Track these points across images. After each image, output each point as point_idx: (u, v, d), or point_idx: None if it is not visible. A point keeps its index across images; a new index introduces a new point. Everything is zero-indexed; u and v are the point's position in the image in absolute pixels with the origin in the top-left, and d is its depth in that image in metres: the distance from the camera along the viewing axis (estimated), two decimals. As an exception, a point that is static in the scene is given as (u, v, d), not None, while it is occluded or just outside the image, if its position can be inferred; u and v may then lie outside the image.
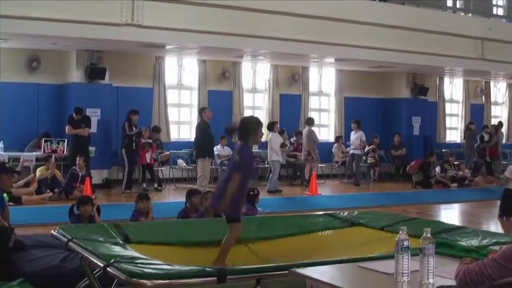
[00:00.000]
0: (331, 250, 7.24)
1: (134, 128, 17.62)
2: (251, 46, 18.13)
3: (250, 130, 7.35)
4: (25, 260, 7.85)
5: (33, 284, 7.14)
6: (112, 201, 15.90)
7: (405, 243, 4.35)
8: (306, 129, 20.24)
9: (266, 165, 20.12)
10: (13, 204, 13.53)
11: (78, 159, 16.16)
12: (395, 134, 22.91)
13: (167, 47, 18.28)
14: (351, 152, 20.91)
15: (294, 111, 22.39)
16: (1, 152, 17.01)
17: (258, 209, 10.93)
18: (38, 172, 16.25)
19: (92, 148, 17.55)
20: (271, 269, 5.67)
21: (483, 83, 27.35)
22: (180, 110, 21.05)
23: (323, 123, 23.61)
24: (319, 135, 22.69)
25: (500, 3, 25.52)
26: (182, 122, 21.08)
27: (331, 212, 9.61)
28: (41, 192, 15.73)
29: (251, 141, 7.39)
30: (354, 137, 20.80)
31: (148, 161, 18.14)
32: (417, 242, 4.47)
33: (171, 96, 20.70)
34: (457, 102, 26.80)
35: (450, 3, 23.59)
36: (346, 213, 9.36)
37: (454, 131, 26.64)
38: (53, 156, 16.75)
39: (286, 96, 22.14)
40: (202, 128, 16.27)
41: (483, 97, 27.51)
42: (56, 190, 15.87)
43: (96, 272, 6.28)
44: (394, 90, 24.16)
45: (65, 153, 17.42)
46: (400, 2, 20.79)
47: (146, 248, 6.99)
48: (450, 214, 16.34)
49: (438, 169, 21.31)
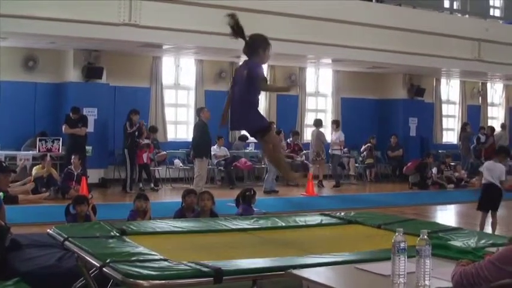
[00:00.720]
0: (327, 244, 7.23)
1: (135, 128, 17.61)
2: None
3: (260, 47, 7.43)
4: (21, 260, 7.84)
5: (29, 284, 7.15)
6: (108, 200, 15.89)
7: (402, 244, 4.35)
8: (315, 130, 20.50)
9: (263, 165, 20.12)
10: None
11: (73, 158, 16.16)
12: (392, 135, 22.93)
13: (164, 47, 18.28)
14: (332, 153, 20.61)
15: (291, 111, 22.39)
16: (-2, 151, 17.05)
17: (255, 209, 10.92)
18: (34, 171, 16.28)
19: (89, 147, 17.55)
20: (267, 270, 5.66)
21: (480, 84, 27.40)
22: (177, 110, 21.05)
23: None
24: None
25: (497, 4, 25.56)
26: (179, 122, 21.08)
27: (327, 212, 9.59)
28: (37, 190, 15.73)
29: (259, 59, 7.44)
30: (334, 137, 20.57)
31: (145, 161, 18.16)
32: (413, 240, 4.48)
33: (168, 96, 20.71)
34: (454, 103, 26.82)
35: (447, 4, 23.62)
36: (343, 213, 9.36)
37: (451, 132, 26.66)
38: (48, 154, 16.75)
39: (282, 96, 22.13)
40: (200, 128, 16.25)
41: (480, 98, 27.56)
42: (52, 188, 15.88)
43: (92, 272, 6.27)
44: (391, 91, 24.18)
45: (60, 152, 17.41)
46: (397, 3, 20.81)
47: (143, 238, 7.01)
48: (446, 215, 16.36)
49: (435, 170, 21.32)
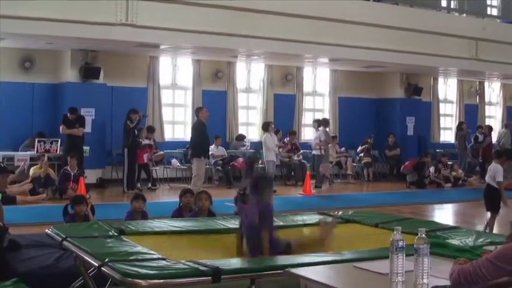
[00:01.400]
0: (326, 243, 7.24)
1: (136, 122, 17.60)
2: (245, 46, 18.13)
3: (265, 187, 7.05)
4: (19, 260, 7.84)
5: (27, 284, 7.13)
6: (106, 200, 15.89)
7: (400, 243, 4.36)
8: (320, 129, 20.48)
9: (261, 165, 20.11)
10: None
11: (69, 159, 16.14)
12: (389, 134, 22.94)
13: (161, 47, 18.28)
14: (312, 153, 20.38)
15: (288, 111, 22.40)
16: (-5, 152, 17.05)
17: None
18: (32, 171, 16.27)
19: (86, 148, 17.53)
20: (265, 269, 5.67)
21: (477, 83, 27.41)
22: (175, 110, 21.05)
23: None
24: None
25: (494, 3, 25.55)
26: (176, 122, 21.09)
27: (325, 212, 9.61)
28: (35, 190, 15.72)
29: (266, 198, 7.05)
30: (313, 137, 20.40)
31: (145, 161, 18.19)
32: (411, 239, 4.48)
33: (166, 96, 20.71)
34: (451, 102, 26.85)
35: (444, 3, 23.61)
36: (340, 212, 9.37)
37: (448, 131, 26.66)
38: (46, 155, 16.74)
39: (280, 96, 22.15)
40: (198, 128, 16.24)
41: (477, 97, 27.57)
42: (50, 188, 15.88)
43: (90, 272, 6.28)
44: (388, 90, 24.19)
45: (58, 152, 17.39)
46: (394, 2, 20.81)
47: (141, 238, 7.01)
48: (444, 214, 16.38)
49: (432, 169, 21.33)
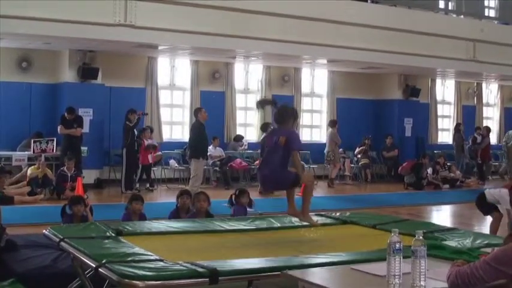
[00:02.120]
0: (323, 245, 7.24)
1: (135, 120, 17.60)
2: (244, 47, 18.15)
3: (290, 117, 7.82)
4: (16, 260, 7.84)
5: (24, 284, 7.15)
6: (104, 201, 15.88)
7: (397, 245, 4.36)
8: (329, 130, 20.86)
9: (258, 166, 20.09)
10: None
11: (66, 161, 16.12)
12: (387, 136, 22.94)
13: (160, 48, 18.28)
14: None
15: (286, 112, 22.35)
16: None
17: (250, 210, 10.90)
18: (29, 171, 16.24)
19: (84, 148, 17.53)
20: (263, 270, 5.67)
21: (475, 85, 27.44)
22: (173, 111, 21.05)
23: (315, 124, 23.65)
24: (310, 136, 22.85)
25: (492, 5, 25.56)
26: (174, 123, 21.08)
27: (322, 213, 9.61)
28: (33, 190, 15.70)
29: (290, 127, 7.88)
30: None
31: (150, 162, 18.23)
32: (409, 241, 4.48)
33: (164, 96, 20.70)
34: (449, 103, 26.86)
35: (442, 4, 23.61)
36: (338, 213, 9.38)
37: (446, 133, 26.67)
38: (43, 155, 16.72)
39: (278, 97, 22.10)
40: (197, 129, 16.23)
41: (475, 98, 27.59)
42: (47, 189, 15.87)
43: (87, 273, 6.28)
44: (386, 91, 24.20)
45: (55, 152, 17.34)
46: (392, 4, 20.81)
47: (139, 239, 7.01)
48: (442, 215, 16.38)
49: (430, 170, 21.33)
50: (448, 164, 22.22)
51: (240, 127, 21.86)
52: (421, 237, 4.36)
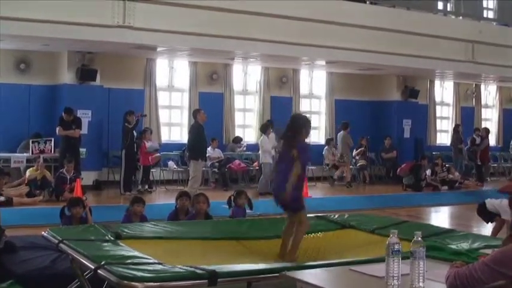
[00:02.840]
0: (322, 252, 7.24)
1: (134, 121, 17.60)
2: (242, 48, 18.15)
3: (303, 126, 7.63)
4: (15, 262, 7.84)
5: (23, 286, 7.16)
6: (103, 203, 15.86)
7: (396, 246, 4.35)
8: (341, 133, 21.12)
9: (256, 167, 20.11)
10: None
11: (66, 163, 16.11)
12: (385, 137, 22.95)
13: (158, 49, 18.29)
14: (261, 161, 19.49)
15: (285, 113, 22.34)
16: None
17: (247, 211, 10.87)
18: (28, 173, 16.23)
19: (83, 149, 17.52)
20: (262, 272, 5.68)
21: (473, 86, 27.44)
22: (171, 112, 21.05)
23: (313, 125, 23.58)
24: (309, 137, 22.77)
25: (490, 6, 25.59)
26: (173, 124, 21.08)
27: (321, 215, 9.61)
28: (31, 192, 15.68)
29: (303, 138, 7.66)
30: (265, 143, 19.46)
31: (151, 163, 18.25)
32: (408, 246, 4.48)
33: (162, 98, 20.70)
34: (448, 105, 26.86)
35: (441, 6, 23.63)
36: (337, 215, 9.37)
37: (445, 134, 26.67)
38: (41, 156, 16.70)
39: (276, 98, 22.14)
40: (195, 130, 16.24)
41: (473, 100, 27.59)
42: (46, 190, 15.86)
43: (86, 274, 6.27)
44: (385, 92, 24.21)
45: (53, 152, 17.31)
46: (391, 5, 20.81)
47: (137, 243, 7.01)
48: (441, 217, 16.37)
49: (429, 172, 21.32)
50: (447, 166, 22.21)
51: (239, 128, 21.86)
52: (420, 238, 4.36)
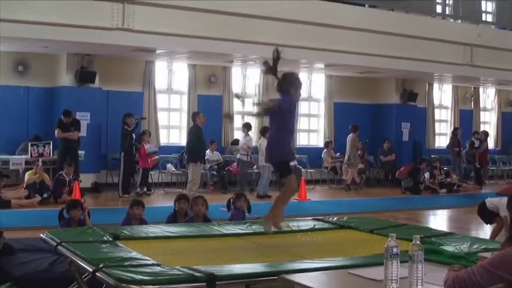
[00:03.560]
0: (320, 249, 7.24)
1: (133, 124, 17.61)
2: (241, 51, 18.15)
3: (291, 85, 7.70)
4: (14, 264, 7.83)
5: (21, 288, 7.15)
6: (101, 205, 15.86)
7: (394, 250, 4.35)
8: (350, 135, 21.21)
9: (255, 170, 20.11)
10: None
11: (66, 166, 16.10)
12: (384, 140, 22.96)
13: (157, 52, 18.30)
14: (238, 157, 19.89)
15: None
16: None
17: (247, 215, 10.86)
18: (27, 176, 16.20)
19: (81, 152, 17.52)
20: (260, 275, 5.67)
21: (472, 89, 27.46)
22: (170, 115, 21.05)
23: (312, 128, 23.65)
24: (308, 140, 22.86)
25: (489, 9, 25.61)
26: (172, 127, 21.09)
27: (320, 217, 9.61)
28: (30, 196, 15.67)
29: (290, 97, 7.70)
30: (242, 142, 19.90)
31: (150, 165, 18.26)
32: (406, 245, 4.48)
33: (161, 100, 20.71)
34: (446, 108, 26.89)
35: (439, 9, 23.64)
36: (335, 218, 9.37)
37: (443, 137, 26.68)
38: (40, 160, 16.67)
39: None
40: (194, 133, 16.25)
41: (472, 103, 27.61)
42: (45, 195, 15.84)
43: (85, 277, 6.27)
44: (384, 96, 24.23)
45: (52, 155, 17.28)
46: (390, 8, 20.83)
47: (136, 243, 7.01)
48: (439, 220, 16.39)
49: (427, 175, 21.34)
50: (445, 169, 22.22)
51: (238, 131, 21.85)
52: (419, 241, 4.36)
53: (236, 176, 20.34)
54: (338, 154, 22.19)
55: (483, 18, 24.90)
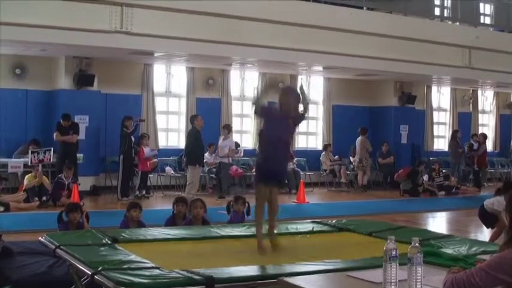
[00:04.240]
0: (319, 252, 7.24)
1: (133, 127, 17.61)
2: (239, 54, 18.15)
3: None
4: (12, 267, 7.84)
5: (20, 291, 7.14)
6: (100, 208, 15.86)
7: (393, 252, 4.35)
8: (360, 138, 21.47)
9: (253, 173, 20.08)
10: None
11: (65, 169, 16.08)
12: (383, 142, 22.95)
13: (156, 55, 18.29)
14: (219, 160, 19.45)
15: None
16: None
17: (246, 217, 10.86)
18: (26, 180, 16.14)
19: (80, 155, 17.50)
20: (259, 278, 5.68)
21: (470, 92, 27.46)
22: (169, 118, 21.04)
23: (311, 131, 23.64)
24: (306, 143, 22.85)
25: (487, 11, 25.63)
26: (170, 130, 21.08)
27: (319, 220, 9.62)
28: (29, 200, 15.65)
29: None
30: (223, 144, 19.34)
31: (149, 169, 18.27)
32: (405, 248, 4.48)
33: (160, 103, 20.69)
34: (445, 110, 26.88)
35: (437, 11, 23.64)
36: (334, 221, 9.38)
37: (442, 140, 26.70)
38: (40, 165, 16.62)
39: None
40: (193, 136, 16.26)
41: (470, 105, 27.61)
42: (44, 198, 15.81)
43: (83, 280, 6.27)
44: (382, 98, 24.22)
45: (52, 160, 17.24)
46: (388, 11, 20.84)
47: (135, 246, 7.01)
48: (438, 222, 16.38)
49: (426, 177, 21.33)
50: (444, 171, 22.23)
51: (236, 134, 21.85)
52: (417, 244, 4.36)
53: (235, 179, 20.35)
54: (337, 157, 22.20)
55: (481, 20, 24.90)
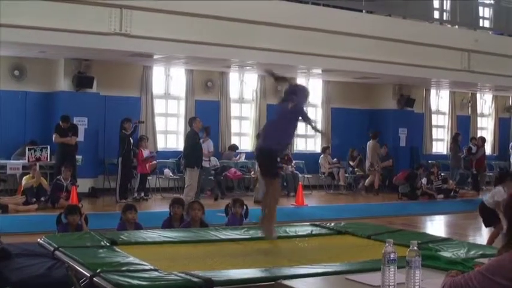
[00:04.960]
0: (317, 255, 7.25)
1: (132, 128, 17.62)
2: (239, 57, 18.16)
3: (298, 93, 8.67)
4: (11, 269, 7.83)
5: (19, 293, 7.14)
6: (98, 210, 15.85)
7: (392, 255, 4.36)
8: (371, 142, 21.61)
9: (252, 175, 20.12)
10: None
11: (64, 170, 16.08)
12: (381, 145, 22.94)
13: (155, 57, 18.30)
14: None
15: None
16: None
17: (244, 219, 10.86)
18: (24, 181, 16.17)
19: (79, 157, 17.50)
20: (257, 280, 5.68)
21: (469, 95, 27.47)
22: (167, 120, 21.04)
23: (310, 133, 23.63)
24: (305, 146, 22.86)
25: (486, 15, 25.64)
26: (169, 132, 21.08)
27: (317, 223, 9.62)
28: (28, 201, 15.65)
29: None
30: (204, 147, 18.73)
31: (148, 170, 18.27)
32: (403, 251, 4.48)
33: (159, 105, 20.70)
34: (444, 113, 26.90)
35: (437, 15, 23.65)
36: (333, 223, 9.38)
37: (441, 143, 26.72)
38: (37, 164, 16.64)
39: (273, 106, 22.09)
40: (191, 138, 16.26)
41: (469, 109, 27.63)
42: (42, 199, 15.82)
43: (82, 282, 6.27)
44: (381, 101, 24.24)
45: (49, 160, 17.24)
46: (387, 14, 20.85)
47: (133, 248, 7.01)
48: (436, 226, 16.38)
49: (424, 180, 21.33)
50: (442, 174, 22.24)
51: (235, 136, 21.86)
52: (416, 247, 4.36)
53: (233, 181, 20.36)
54: (335, 160, 22.21)
55: (480, 23, 24.92)
